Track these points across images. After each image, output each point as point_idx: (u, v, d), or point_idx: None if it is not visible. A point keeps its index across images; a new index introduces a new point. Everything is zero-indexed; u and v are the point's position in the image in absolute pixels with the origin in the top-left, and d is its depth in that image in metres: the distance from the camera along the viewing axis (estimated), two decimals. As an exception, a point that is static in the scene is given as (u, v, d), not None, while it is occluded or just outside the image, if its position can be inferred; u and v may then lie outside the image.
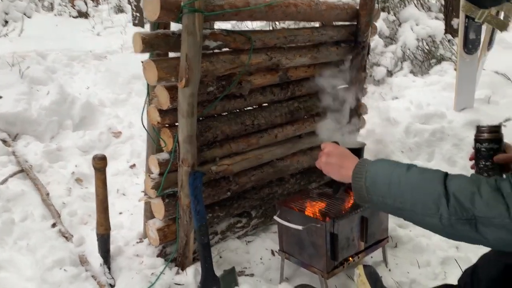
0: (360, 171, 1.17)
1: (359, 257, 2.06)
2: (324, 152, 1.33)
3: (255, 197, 2.35)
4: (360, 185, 1.15)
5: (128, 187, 3.03)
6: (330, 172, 1.30)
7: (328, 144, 1.37)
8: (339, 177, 1.27)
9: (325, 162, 1.31)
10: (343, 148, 1.33)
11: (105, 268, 1.94)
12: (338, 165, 1.26)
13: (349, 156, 1.28)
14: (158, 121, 1.85)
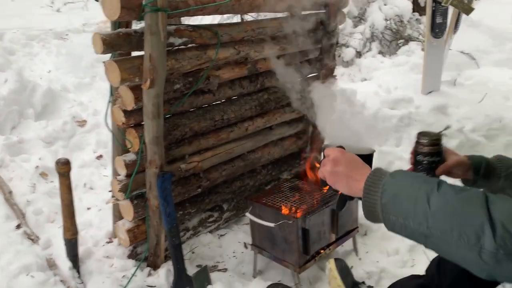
0: (374, 184, 1.00)
1: (330, 249, 2.09)
2: (329, 159, 1.13)
3: (227, 191, 2.33)
4: (374, 201, 0.99)
5: (96, 180, 2.95)
6: (336, 183, 1.11)
7: (332, 149, 1.17)
8: (347, 190, 1.09)
9: (331, 171, 1.11)
10: (352, 155, 1.14)
11: (74, 272, 1.90)
12: (346, 175, 1.08)
13: (359, 164, 1.11)
14: (123, 121, 1.79)
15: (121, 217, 2.05)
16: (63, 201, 1.80)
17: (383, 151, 2.84)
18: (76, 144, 3.35)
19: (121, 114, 1.76)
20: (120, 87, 1.71)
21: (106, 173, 3.07)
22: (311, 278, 2.06)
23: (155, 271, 1.97)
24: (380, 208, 0.98)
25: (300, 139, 2.67)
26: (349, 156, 1.13)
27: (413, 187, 0.94)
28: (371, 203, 1.00)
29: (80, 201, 2.68)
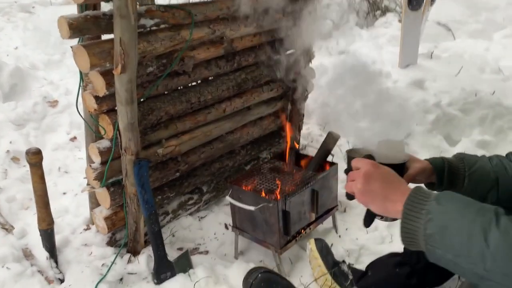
0: (416, 209, 0.89)
1: (310, 228, 2.11)
2: (360, 175, 1.02)
3: (206, 173, 2.30)
4: (415, 228, 0.88)
5: (71, 164, 2.87)
6: (369, 203, 1.01)
7: (363, 161, 1.05)
8: (382, 211, 0.99)
9: (363, 189, 1.00)
10: (386, 169, 1.03)
11: (52, 262, 1.86)
12: (381, 194, 0.98)
13: (395, 181, 1.00)
14: (95, 108, 1.72)
15: (98, 204, 2.01)
16: (36, 192, 1.74)
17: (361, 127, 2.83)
18: (48, 126, 3.23)
19: (93, 101, 1.69)
20: (90, 72, 1.63)
21: (81, 156, 2.99)
22: (292, 258, 2.08)
23: (135, 257, 1.95)
24: (424, 239, 0.87)
25: (279, 117, 2.64)
26: (384, 171, 1.02)
27: (465, 219, 0.83)
28: (411, 230, 0.89)
29: (55, 186, 2.61)
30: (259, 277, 1.65)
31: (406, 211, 0.91)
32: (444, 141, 2.79)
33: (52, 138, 3.16)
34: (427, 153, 2.70)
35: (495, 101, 2.89)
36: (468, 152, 2.60)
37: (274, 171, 2.17)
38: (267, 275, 1.66)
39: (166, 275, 1.86)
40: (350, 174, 1.08)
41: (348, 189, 1.09)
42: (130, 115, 1.66)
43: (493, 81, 3.12)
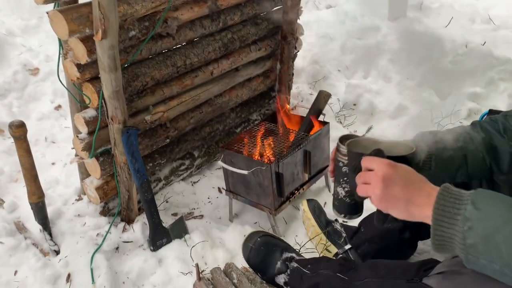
0: (449, 214, 0.80)
1: (304, 188, 2.11)
2: (377, 178, 0.91)
3: (196, 138, 2.27)
4: (451, 236, 0.80)
5: (57, 133, 2.81)
6: (391, 208, 0.91)
7: (376, 161, 0.94)
8: (407, 216, 0.89)
9: (382, 194, 0.90)
10: (405, 168, 0.92)
11: (45, 234, 1.85)
12: (404, 199, 0.88)
13: (417, 181, 0.90)
14: (77, 76, 1.65)
15: (87, 174, 1.98)
16: (23, 165, 1.70)
17: (351, 84, 2.80)
18: (31, 95, 3.14)
19: (75, 69, 1.62)
20: (70, 39, 1.55)
21: (67, 124, 2.92)
22: (287, 218, 2.09)
23: (129, 226, 1.94)
24: (463, 248, 0.79)
25: (268, 77, 2.58)
26: (403, 172, 0.92)
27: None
28: (445, 237, 0.81)
29: (43, 157, 2.57)
30: (259, 241, 1.65)
31: (436, 217, 0.82)
32: (434, 95, 2.77)
33: (36, 107, 3.08)
34: (418, 107, 2.69)
35: (486, 52, 2.85)
36: (460, 105, 2.60)
37: (266, 133, 2.14)
38: (266, 238, 1.67)
39: (162, 241, 1.86)
40: (361, 175, 0.96)
41: (362, 192, 0.97)
42: (114, 82, 1.60)
43: (483, 31, 3.07)
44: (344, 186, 1.15)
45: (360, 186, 0.98)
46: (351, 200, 1.16)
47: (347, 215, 1.22)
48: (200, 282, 1.67)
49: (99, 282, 1.67)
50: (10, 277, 1.72)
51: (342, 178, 1.14)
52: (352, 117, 2.72)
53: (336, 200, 1.21)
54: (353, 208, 1.19)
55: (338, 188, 1.17)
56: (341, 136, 1.15)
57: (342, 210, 1.21)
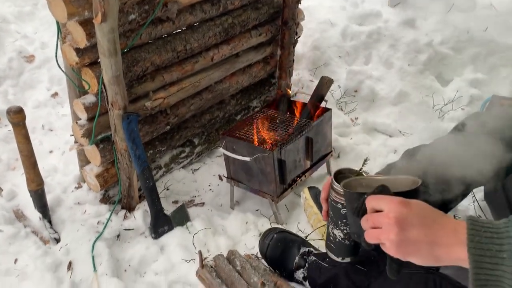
0: (491, 254, 0.68)
1: (305, 176, 2.09)
2: (390, 219, 0.78)
3: (196, 125, 2.24)
4: (499, 279, 0.68)
5: (54, 121, 2.77)
6: (412, 255, 0.78)
7: (385, 200, 0.81)
8: (433, 262, 0.77)
9: (399, 240, 0.77)
10: (419, 204, 0.80)
11: (45, 222, 1.82)
12: (426, 242, 0.75)
13: (437, 218, 0.78)
14: (76, 61, 1.61)
15: (87, 161, 1.95)
16: (21, 152, 1.66)
17: (352, 70, 2.77)
18: (26, 83, 3.09)
19: (73, 53, 1.58)
20: (68, 22, 1.51)
21: (64, 112, 2.89)
22: (289, 205, 2.08)
23: (130, 213, 1.92)
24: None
25: (268, 64, 2.54)
26: (418, 208, 0.79)
27: None
28: (490, 282, 0.69)
29: (40, 145, 2.53)
30: (275, 237, 1.64)
31: (475, 259, 0.69)
32: (436, 81, 2.75)
33: (32, 95, 3.03)
34: (419, 94, 2.67)
35: (488, 38, 2.83)
36: (462, 91, 2.58)
37: (267, 120, 2.11)
38: (283, 234, 1.67)
39: (164, 229, 1.84)
40: (369, 219, 0.83)
41: (373, 239, 0.82)
42: (114, 67, 1.57)
43: (485, 17, 3.03)
44: (343, 228, 1.06)
45: (369, 232, 0.83)
46: (351, 242, 1.08)
47: (347, 257, 1.14)
48: (203, 269, 1.65)
49: (101, 269, 1.65)
50: (10, 265, 1.70)
51: (340, 221, 1.04)
52: (353, 104, 2.69)
53: (332, 243, 1.11)
54: (353, 250, 1.12)
55: (335, 230, 1.08)
56: (335, 173, 1.05)
57: (341, 254, 1.13)
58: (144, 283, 1.66)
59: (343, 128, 2.56)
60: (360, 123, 2.60)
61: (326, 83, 2.11)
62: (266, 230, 1.71)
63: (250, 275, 1.60)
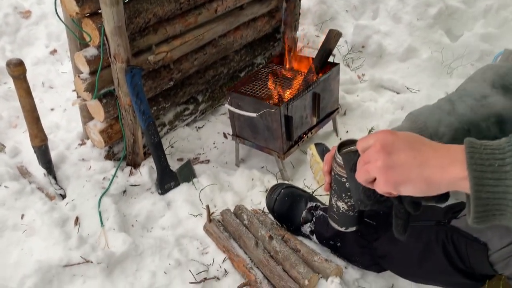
0: (494, 169, 0.63)
1: (312, 132, 2.06)
2: (377, 147, 0.74)
3: (200, 81, 2.19)
4: (501, 194, 0.63)
5: (54, 78, 2.72)
6: (403, 182, 0.71)
7: (372, 135, 0.78)
8: (426, 188, 0.70)
9: (386, 165, 0.72)
10: (407, 132, 0.76)
11: (50, 178, 1.81)
12: (417, 163, 0.70)
13: (425, 141, 0.73)
14: (76, 11, 1.54)
15: (90, 117, 1.92)
16: (24, 107, 1.62)
17: (359, 25, 2.69)
18: (24, 39, 3.01)
19: (73, 3, 1.51)
20: (66, -32, 1.44)
21: (64, 69, 2.83)
22: (294, 162, 2.06)
23: (136, 170, 1.90)
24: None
25: (274, 17, 2.46)
26: (405, 134, 0.74)
27: None
28: (492, 200, 0.64)
29: (41, 102, 2.49)
30: (282, 192, 1.63)
31: (475, 175, 0.63)
32: (445, 36, 2.67)
33: (30, 52, 2.96)
34: (428, 50, 2.60)
35: (500, -10, 2.73)
36: (473, 46, 2.51)
37: (273, 75, 2.06)
38: (290, 189, 1.65)
39: (170, 185, 1.83)
40: (360, 160, 0.79)
41: (363, 175, 0.78)
42: (116, 16, 1.50)
43: (497, -31, 2.91)
44: (347, 201, 1.05)
45: (360, 171, 0.79)
46: (355, 213, 1.07)
47: (351, 227, 1.13)
48: (210, 223, 1.65)
49: (108, 224, 1.65)
50: (17, 220, 1.70)
51: (344, 193, 1.03)
52: (360, 60, 2.63)
53: (335, 214, 1.11)
54: (358, 219, 1.11)
55: (338, 202, 1.07)
56: (338, 145, 0.99)
57: (345, 224, 1.12)
58: (152, 237, 1.67)
59: (350, 84, 2.51)
60: (367, 80, 2.55)
61: (335, 37, 2.04)
62: (273, 185, 1.70)
63: (257, 229, 1.60)
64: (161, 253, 1.61)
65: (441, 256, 1.15)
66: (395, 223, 0.86)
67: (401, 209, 0.83)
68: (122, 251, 1.56)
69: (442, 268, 1.17)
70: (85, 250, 1.54)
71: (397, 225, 0.85)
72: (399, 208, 0.83)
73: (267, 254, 1.51)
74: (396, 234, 0.86)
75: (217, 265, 1.57)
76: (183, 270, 1.55)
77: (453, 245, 1.13)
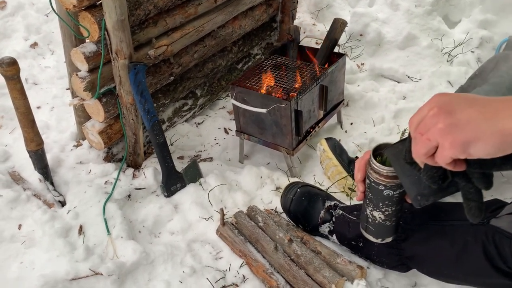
0: None
1: (319, 126, 2.00)
2: (434, 111, 0.67)
3: (199, 75, 2.08)
4: None
5: (38, 74, 2.56)
6: (473, 139, 0.63)
7: (424, 105, 0.70)
8: (500, 140, 0.61)
9: (450, 123, 0.64)
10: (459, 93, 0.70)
11: (47, 184, 1.69)
12: (484, 117, 0.63)
13: (487, 98, 0.66)
14: (73, 4, 1.41)
15: (86, 117, 1.80)
16: (18, 109, 1.49)
17: (357, 13, 2.62)
18: (0, 31, 2.82)
19: (70, -5, 1.38)
20: (63, -43, 1.31)
21: (47, 64, 2.66)
22: (301, 157, 2.00)
23: (139, 171, 1.80)
24: None
25: (271, 6, 2.37)
26: (462, 94, 0.68)
27: None
28: None
29: (26, 100, 2.33)
30: (299, 192, 1.56)
31: None
32: (443, 23, 2.63)
33: (8, 45, 2.78)
34: (427, 37, 2.55)
35: (496, -24, 2.70)
36: (471, 33, 2.48)
37: (278, 68, 1.98)
38: (306, 188, 1.58)
39: (176, 187, 1.74)
40: (415, 134, 0.70)
41: (423, 147, 0.68)
42: (119, 9, 1.39)
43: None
44: (384, 210, 1.00)
45: (418, 143, 0.69)
46: (392, 222, 1.03)
47: (387, 238, 1.11)
48: (224, 227, 1.58)
49: (115, 232, 1.55)
50: (14, 231, 1.57)
51: (382, 202, 0.98)
52: (359, 48, 2.57)
53: (370, 225, 1.07)
54: (394, 230, 1.07)
55: (374, 212, 1.02)
56: (373, 151, 0.95)
57: (381, 235, 1.09)
58: (161, 244, 1.58)
59: (350, 74, 2.45)
60: (367, 69, 2.49)
61: (340, 26, 1.97)
62: (288, 185, 1.63)
63: (274, 231, 1.53)
64: (173, 260, 1.53)
65: (481, 257, 1.11)
66: (467, 207, 0.76)
67: (471, 189, 0.74)
68: (133, 260, 1.46)
69: (481, 269, 1.13)
70: (93, 262, 1.44)
71: (470, 208, 0.75)
72: (468, 188, 0.74)
73: (288, 258, 1.44)
74: (471, 218, 0.77)
75: (234, 271, 1.49)
76: (199, 278, 1.47)
77: (494, 245, 1.09)
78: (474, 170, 0.70)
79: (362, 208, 1.10)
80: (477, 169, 0.69)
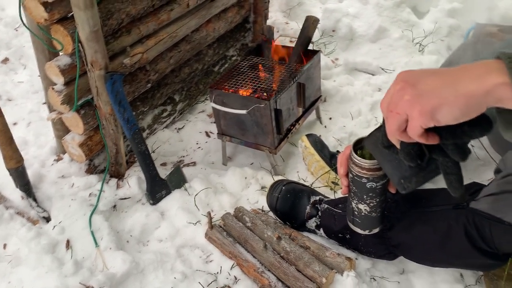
0: None
1: (299, 123, 2.02)
2: (398, 84, 0.71)
3: (176, 80, 2.08)
4: None
5: (11, 89, 2.52)
6: (438, 106, 0.66)
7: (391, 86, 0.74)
8: (464, 104, 0.64)
9: (415, 94, 0.68)
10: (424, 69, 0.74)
11: (30, 201, 1.66)
12: (448, 83, 0.66)
13: (443, 68, 0.71)
14: (44, 17, 1.40)
15: (64, 130, 1.78)
16: (-6, 128, 1.47)
17: (328, 9, 2.65)
18: (-33, 48, 2.77)
19: (41, 9, 1.37)
20: (31, -29, 1.29)
21: (19, 79, 2.62)
22: (284, 155, 2.02)
23: (122, 181, 1.79)
24: None
25: (243, 7, 2.38)
26: (424, 69, 0.73)
27: None
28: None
29: (1, 117, 2.29)
30: (284, 189, 1.58)
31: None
32: (412, 14, 2.69)
33: (-22, 62, 2.72)
34: (398, 29, 2.61)
35: (460, -36, 2.78)
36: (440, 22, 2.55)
37: (254, 68, 1.99)
38: (291, 185, 1.60)
39: (162, 194, 1.74)
40: (386, 113, 0.74)
41: (394, 122, 0.71)
42: (92, 21, 1.38)
43: None
44: (369, 202, 1.03)
45: (389, 119, 0.73)
46: (378, 213, 1.06)
47: (374, 229, 1.13)
48: (212, 230, 1.58)
49: (103, 244, 1.54)
50: (-1, 251, 1.55)
51: (366, 195, 1.01)
52: (332, 44, 2.61)
53: (357, 217, 1.10)
54: (380, 220, 1.10)
55: (359, 205, 1.05)
56: (353, 145, 0.97)
57: (368, 226, 1.12)
58: (150, 252, 1.57)
59: (325, 70, 2.48)
60: (341, 64, 2.53)
61: (313, 23, 2.00)
62: (273, 183, 1.64)
63: (262, 230, 1.55)
64: (163, 267, 1.52)
65: (463, 239, 1.15)
66: (447, 181, 0.79)
67: (448, 162, 0.77)
68: (123, 271, 1.46)
69: (464, 251, 1.17)
70: (83, 275, 1.43)
71: (451, 182, 0.78)
72: (445, 163, 0.77)
73: (278, 255, 1.46)
74: (452, 192, 0.79)
75: (226, 273, 1.50)
76: (191, 283, 1.47)
77: (475, 227, 1.13)
78: (448, 142, 0.73)
79: (347, 202, 1.13)
80: (449, 139, 0.72)
